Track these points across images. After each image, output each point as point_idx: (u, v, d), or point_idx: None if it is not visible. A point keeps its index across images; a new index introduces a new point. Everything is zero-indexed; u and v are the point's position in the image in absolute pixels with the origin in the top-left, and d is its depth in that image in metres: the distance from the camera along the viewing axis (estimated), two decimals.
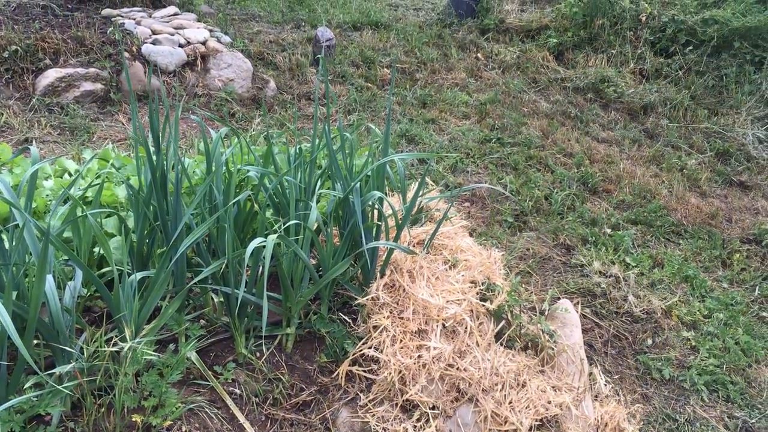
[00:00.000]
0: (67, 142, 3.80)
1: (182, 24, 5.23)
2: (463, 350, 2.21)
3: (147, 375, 1.76)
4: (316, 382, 2.13)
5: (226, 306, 2.10)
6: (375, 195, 2.20)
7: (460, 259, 2.46)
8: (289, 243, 1.96)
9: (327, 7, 7.75)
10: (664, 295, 3.41)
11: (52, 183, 2.51)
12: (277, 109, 4.95)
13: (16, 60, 4.25)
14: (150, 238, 2.07)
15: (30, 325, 1.58)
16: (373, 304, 2.28)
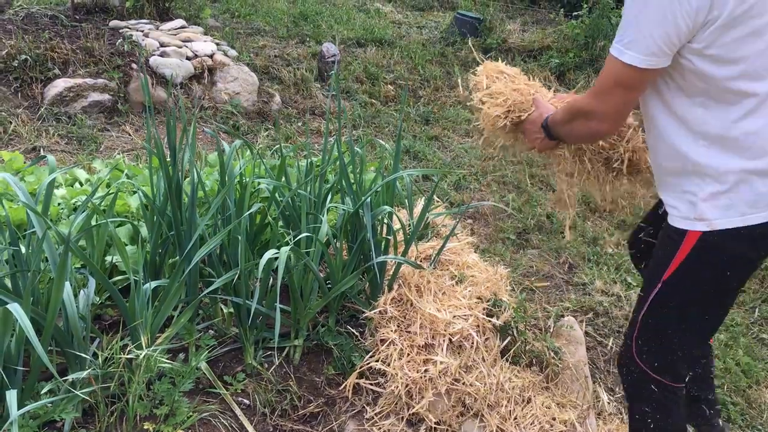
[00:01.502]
0: (74, 152, 3.82)
1: (189, 37, 5.28)
2: (470, 365, 2.23)
3: (159, 383, 1.78)
4: (323, 394, 2.15)
5: (236, 317, 2.12)
6: (385, 210, 2.23)
7: (467, 275, 2.49)
8: (302, 255, 1.99)
9: (331, 23, 7.82)
10: None
11: (64, 191, 2.53)
12: (282, 123, 4.99)
13: (26, 69, 4.29)
14: (163, 248, 2.10)
15: (47, 331, 1.60)
16: (381, 318, 2.30)
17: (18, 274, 1.73)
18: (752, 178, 1.54)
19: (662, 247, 1.73)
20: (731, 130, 1.54)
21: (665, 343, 1.77)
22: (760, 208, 1.55)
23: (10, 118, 3.95)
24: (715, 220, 1.57)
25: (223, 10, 7.51)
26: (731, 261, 1.62)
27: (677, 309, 1.72)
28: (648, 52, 1.49)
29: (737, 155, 1.55)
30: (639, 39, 1.49)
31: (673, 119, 1.62)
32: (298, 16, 7.77)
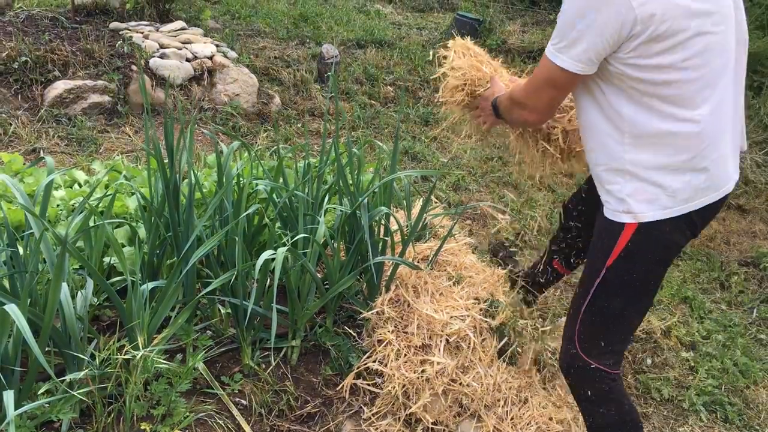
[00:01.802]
0: (74, 153, 3.84)
1: (189, 39, 5.29)
2: (467, 366, 2.24)
3: (156, 384, 1.79)
4: (320, 394, 2.16)
5: (233, 317, 2.13)
6: (382, 211, 2.24)
7: (464, 276, 2.50)
8: (299, 256, 1.99)
9: (331, 24, 7.83)
10: (664, 315, 3.44)
11: (63, 193, 2.54)
12: (282, 125, 5.00)
13: (26, 71, 4.30)
14: (160, 249, 2.11)
15: (44, 331, 1.61)
16: (378, 319, 2.31)
17: (16, 275, 1.74)
18: (671, 175, 1.71)
19: (601, 238, 1.88)
20: (652, 129, 1.69)
21: (608, 330, 1.90)
22: (679, 202, 1.71)
23: (10, 120, 3.96)
24: (641, 214, 1.73)
25: (223, 12, 7.52)
26: (665, 246, 1.79)
27: (621, 293, 1.85)
28: (578, 59, 1.65)
29: (657, 153, 1.70)
30: (571, 46, 1.65)
31: (602, 116, 1.77)
32: (298, 18, 7.78)
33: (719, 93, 1.71)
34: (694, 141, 1.69)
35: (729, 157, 1.81)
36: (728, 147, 1.80)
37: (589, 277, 1.90)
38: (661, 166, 1.71)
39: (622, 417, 1.95)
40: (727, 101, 1.76)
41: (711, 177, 1.74)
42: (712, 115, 1.69)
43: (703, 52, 1.64)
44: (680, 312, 3.52)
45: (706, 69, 1.66)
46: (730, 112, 1.79)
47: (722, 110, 1.74)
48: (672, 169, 1.71)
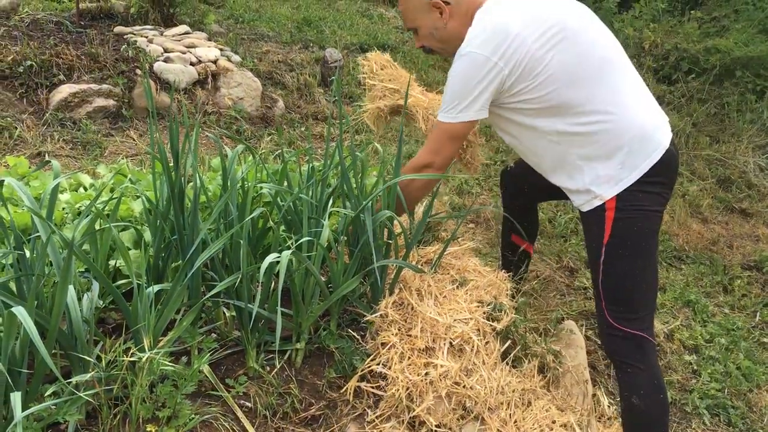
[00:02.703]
0: (79, 157, 3.86)
1: (193, 43, 5.31)
2: (470, 369, 2.24)
3: (162, 386, 1.80)
4: (324, 397, 2.16)
5: (238, 320, 2.14)
6: (386, 214, 2.25)
7: (468, 279, 2.50)
8: (303, 259, 2.00)
9: (335, 28, 7.86)
10: (667, 319, 3.45)
11: (68, 196, 2.55)
12: (285, 128, 5.02)
13: (31, 75, 4.33)
14: (166, 252, 2.12)
15: (51, 334, 1.62)
16: (382, 321, 2.32)
17: (23, 278, 1.75)
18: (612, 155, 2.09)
19: (590, 229, 2.24)
20: (572, 129, 2.11)
21: (629, 296, 2.18)
22: (629, 171, 2.07)
23: (15, 124, 3.99)
24: (607, 193, 2.12)
25: (227, 16, 7.55)
26: (645, 209, 2.11)
27: (627, 262, 2.15)
28: (476, 109, 2.12)
29: (590, 144, 2.10)
30: (469, 104, 2.11)
31: (535, 138, 2.22)
32: (302, 22, 7.81)
33: (609, 80, 2.06)
34: (610, 125, 2.06)
35: (646, 117, 2.11)
36: (642, 111, 2.11)
37: (594, 261, 2.22)
38: (599, 152, 2.10)
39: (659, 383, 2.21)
40: (621, 82, 2.10)
41: (643, 141, 2.06)
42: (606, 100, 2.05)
43: (569, 63, 2.04)
44: (683, 315, 3.53)
45: (579, 72, 2.04)
46: (628, 89, 2.11)
47: (620, 91, 2.08)
48: (608, 151, 2.08)
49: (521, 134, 2.26)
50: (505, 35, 2.03)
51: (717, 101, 6.81)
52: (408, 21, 2.35)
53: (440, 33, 2.28)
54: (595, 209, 2.16)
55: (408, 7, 2.29)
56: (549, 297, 3.43)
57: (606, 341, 2.28)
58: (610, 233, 2.13)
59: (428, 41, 2.34)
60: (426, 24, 2.28)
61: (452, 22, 2.24)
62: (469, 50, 2.08)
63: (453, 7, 2.22)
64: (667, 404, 2.24)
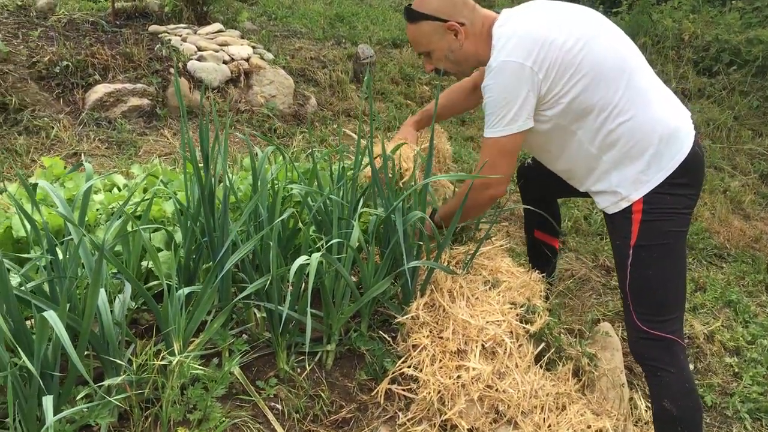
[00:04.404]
0: (114, 156, 3.90)
1: (226, 41, 5.34)
2: (503, 372, 2.20)
3: (192, 389, 1.80)
4: (355, 399, 2.15)
5: (269, 321, 2.13)
6: (417, 215, 2.22)
7: (501, 280, 2.46)
8: (333, 261, 1.99)
9: (367, 24, 7.83)
10: (707, 319, 3.36)
11: (102, 197, 2.58)
12: (317, 126, 5.02)
13: (67, 75, 4.39)
14: (197, 254, 2.12)
15: (82, 337, 1.63)
16: (413, 323, 2.29)
17: (55, 280, 1.76)
18: (637, 157, 2.09)
19: (617, 231, 2.22)
20: (601, 134, 2.11)
21: (658, 298, 2.15)
22: (655, 172, 2.07)
23: (52, 124, 4.05)
24: (634, 194, 2.11)
25: (259, 13, 7.58)
26: (672, 210, 2.09)
27: (654, 265, 2.13)
28: (524, 118, 2.09)
29: (617, 147, 2.10)
30: (515, 114, 2.07)
31: (568, 146, 2.21)
32: (335, 18, 7.80)
33: (632, 81, 2.06)
34: (637, 126, 2.06)
35: (671, 117, 2.10)
36: (666, 111, 2.11)
37: (621, 264, 2.20)
38: (627, 153, 2.09)
39: (691, 386, 2.17)
40: (644, 82, 2.10)
41: (669, 141, 2.06)
42: (632, 101, 2.05)
43: (596, 65, 2.04)
44: (724, 316, 3.44)
45: (606, 74, 2.04)
46: (651, 89, 2.12)
47: (644, 91, 2.08)
48: (635, 152, 2.08)
49: (548, 140, 2.24)
50: (533, 41, 2.03)
51: (760, 93, 6.62)
52: (420, 46, 2.30)
53: (456, 54, 2.26)
54: (622, 211, 2.16)
55: (420, 32, 2.25)
56: (584, 297, 3.37)
57: (634, 345, 2.26)
58: (638, 235, 2.13)
59: (442, 63, 2.31)
60: (441, 47, 2.25)
61: (467, 43, 2.22)
62: (501, 59, 2.05)
63: (468, 27, 2.20)
64: (701, 408, 2.20)
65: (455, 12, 2.19)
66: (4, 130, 3.88)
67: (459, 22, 2.19)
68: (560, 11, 2.16)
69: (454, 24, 2.18)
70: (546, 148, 2.30)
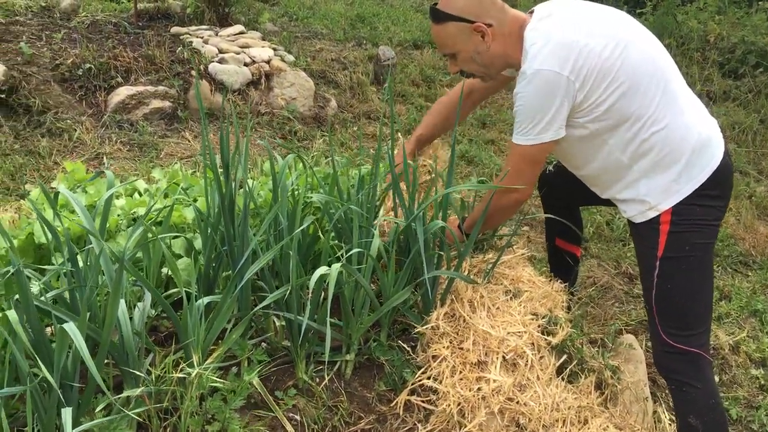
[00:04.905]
0: (136, 159, 3.92)
1: (248, 43, 5.35)
2: (524, 384, 2.18)
3: (211, 400, 1.79)
4: (374, 410, 2.13)
5: (288, 330, 2.12)
6: (438, 224, 2.20)
7: (522, 290, 2.43)
8: (353, 272, 1.97)
9: (388, 24, 7.82)
10: (732, 329, 3.30)
11: (123, 202, 2.58)
12: (338, 128, 5.01)
13: (90, 77, 4.42)
14: (216, 262, 2.12)
15: (102, 347, 1.63)
16: (433, 333, 2.27)
17: (76, 289, 1.76)
18: (669, 166, 2.04)
19: (643, 242, 2.19)
20: (634, 143, 2.06)
21: (685, 312, 2.12)
22: (686, 182, 2.04)
23: (75, 126, 4.08)
24: (663, 203, 2.07)
25: (281, 14, 7.59)
26: (701, 221, 2.06)
27: (682, 277, 2.09)
28: (556, 128, 2.04)
29: (650, 156, 2.06)
30: (547, 124, 2.03)
31: (599, 154, 2.15)
32: (355, 19, 7.79)
33: (666, 88, 2.01)
34: (671, 134, 2.01)
35: (703, 126, 2.07)
36: (698, 120, 2.08)
37: (647, 275, 2.17)
38: (659, 163, 2.05)
39: (717, 400, 2.15)
40: (676, 90, 2.05)
41: (701, 152, 2.03)
42: (666, 109, 2.01)
43: (632, 73, 1.98)
44: (750, 326, 3.37)
45: (642, 81, 1.99)
46: (683, 97, 2.07)
47: (676, 99, 2.04)
48: (667, 161, 2.04)
49: (578, 147, 2.19)
50: (570, 49, 1.96)
51: None
52: (445, 47, 2.22)
53: (482, 57, 2.18)
54: (650, 221, 2.12)
55: (445, 33, 2.17)
56: (607, 305, 3.32)
57: (659, 358, 2.22)
58: (665, 247, 2.09)
59: (468, 65, 2.24)
60: (467, 49, 2.17)
61: (495, 45, 2.14)
62: (537, 68, 1.99)
63: (495, 29, 2.11)
64: (726, 422, 2.16)
65: (482, 12, 2.10)
66: (28, 132, 3.92)
67: (486, 23, 2.10)
68: (593, 14, 2.09)
69: (481, 25, 2.10)
70: (574, 153, 2.26)
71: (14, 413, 1.74)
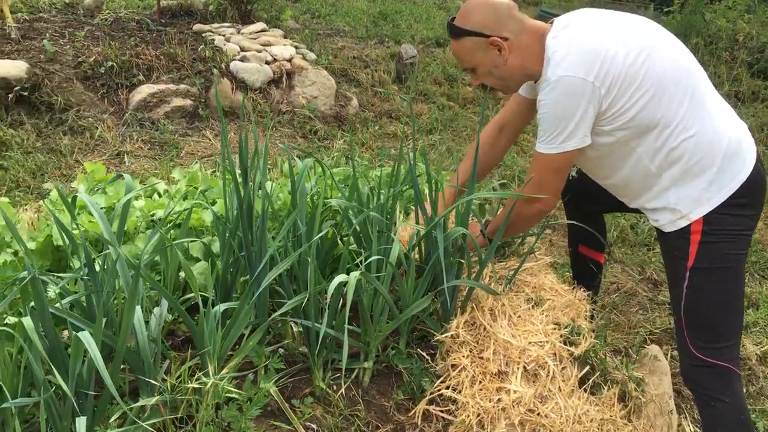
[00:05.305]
0: (156, 157, 3.91)
1: (269, 41, 5.33)
2: (545, 395, 2.13)
3: (227, 409, 1.77)
4: (392, 420, 2.10)
5: (305, 336, 2.09)
6: (459, 231, 2.16)
7: (544, 298, 2.38)
8: (371, 280, 1.94)
9: (411, 22, 7.76)
10: (759, 339, 3.22)
11: (142, 203, 2.57)
12: (359, 128, 4.97)
13: (112, 76, 4.42)
14: (234, 267, 2.09)
15: (118, 354, 1.61)
16: (453, 342, 2.23)
17: (92, 294, 1.75)
18: (699, 174, 1.99)
19: (672, 252, 2.13)
20: (663, 151, 2.00)
21: (715, 324, 2.06)
22: (717, 190, 1.98)
23: (96, 124, 4.08)
24: (694, 212, 2.01)
25: (303, 11, 7.56)
26: (733, 230, 2.00)
27: (712, 288, 2.04)
28: (580, 137, 2.00)
29: (680, 164, 2.00)
30: (572, 132, 1.98)
31: (627, 163, 2.10)
32: (378, 16, 7.75)
33: (694, 93, 1.97)
34: (700, 141, 1.96)
35: (733, 132, 2.02)
36: (728, 126, 2.02)
37: (676, 285, 2.11)
38: (689, 170, 2.00)
39: (746, 415, 2.10)
40: (705, 95, 2.01)
41: (732, 159, 1.98)
42: (695, 115, 1.96)
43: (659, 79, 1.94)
44: None
45: (669, 87, 1.94)
46: (712, 102, 2.02)
47: (705, 104, 1.99)
48: (697, 169, 1.98)
49: (604, 156, 2.14)
50: (595, 55, 1.92)
51: None
52: (464, 62, 2.21)
53: (500, 70, 2.15)
54: (680, 230, 2.06)
55: (463, 49, 2.15)
56: (631, 313, 3.26)
57: (687, 371, 2.17)
58: (696, 257, 2.03)
59: (487, 79, 2.22)
60: (484, 63, 2.15)
61: (512, 58, 2.11)
62: (561, 74, 1.94)
63: (512, 42, 2.08)
64: None
65: (498, 26, 2.08)
66: (50, 129, 3.93)
67: (502, 37, 2.07)
68: (615, 22, 2.05)
69: (497, 39, 2.07)
70: (600, 163, 2.20)
71: (30, 419, 1.73)
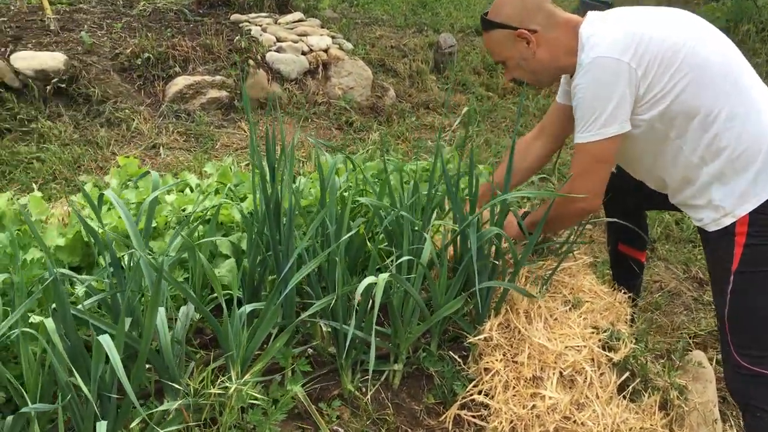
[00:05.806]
0: (191, 149, 3.91)
1: (306, 31, 5.29)
2: (582, 402, 2.05)
3: (252, 413, 1.74)
4: (422, 424, 2.04)
5: (334, 336, 2.05)
6: (493, 231, 2.08)
7: (582, 300, 2.30)
8: (401, 282, 1.88)
9: (450, 10, 7.64)
10: None
11: (173, 198, 2.55)
12: (395, 119, 4.90)
13: (148, 67, 4.43)
14: (261, 266, 2.06)
15: (141, 357, 1.59)
16: (486, 345, 2.16)
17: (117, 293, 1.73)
18: (743, 168, 1.88)
19: (716, 252, 2.03)
20: (703, 142, 1.91)
21: (761, 330, 1.97)
22: (763, 184, 1.86)
23: (133, 116, 4.10)
24: (739, 209, 1.90)
25: (341, 0, 7.50)
26: None
27: (758, 294, 1.94)
28: (620, 121, 1.90)
29: (721, 157, 1.90)
30: (610, 116, 1.88)
31: (668, 156, 2.01)
32: (417, 4, 7.65)
33: (738, 83, 1.88)
34: (743, 133, 1.86)
35: None
36: None
37: (718, 288, 2.04)
38: (732, 164, 1.89)
39: None
40: (749, 86, 1.91)
41: None
42: (738, 105, 1.86)
43: (699, 66, 1.85)
44: None
45: (710, 75, 1.85)
46: (757, 94, 1.92)
47: (750, 95, 1.89)
48: (741, 163, 1.88)
49: (642, 148, 2.06)
50: (631, 37, 1.87)
51: None
52: (495, 55, 2.20)
53: (529, 63, 2.12)
54: (723, 230, 1.97)
55: (492, 41, 2.14)
56: (674, 313, 3.14)
57: (731, 380, 2.09)
58: (740, 260, 1.94)
59: (518, 73, 2.20)
60: (513, 56, 2.13)
61: (541, 51, 2.08)
62: (594, 56, 1.89)
63: (540, 35, 2.05)
64: None
65: (527, 19, 2.04)
66: (87, 121, 3.95)
67: (530, 29, 2.04)
68: (654, 13, 2.00)
69: (524, 31, 2.04)
70: (639, 155, 2.12)
71: (55, 418, 1.71)
